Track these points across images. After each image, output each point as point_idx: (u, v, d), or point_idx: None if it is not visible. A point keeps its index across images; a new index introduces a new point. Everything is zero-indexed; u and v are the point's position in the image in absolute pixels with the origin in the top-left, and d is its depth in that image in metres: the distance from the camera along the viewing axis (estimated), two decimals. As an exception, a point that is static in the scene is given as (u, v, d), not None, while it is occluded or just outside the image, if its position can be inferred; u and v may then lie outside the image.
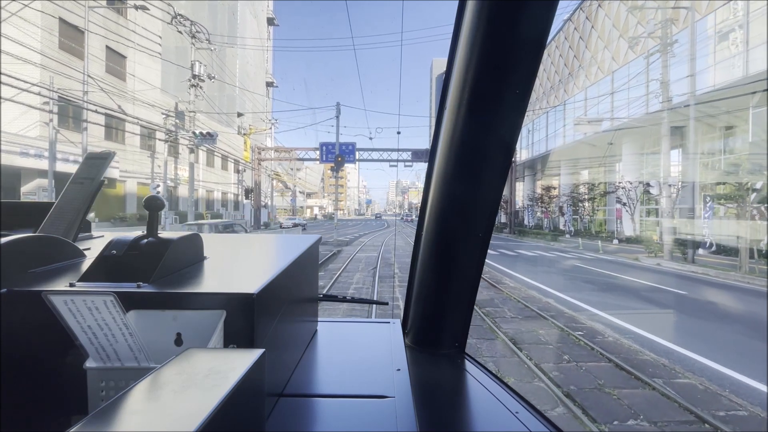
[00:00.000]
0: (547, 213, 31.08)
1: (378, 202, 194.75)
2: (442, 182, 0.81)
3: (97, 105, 15.36)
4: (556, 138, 29.56)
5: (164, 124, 17.60)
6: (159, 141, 18.29)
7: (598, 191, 25.61)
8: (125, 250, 0.54)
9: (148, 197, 0.55)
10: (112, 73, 17.59)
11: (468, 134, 0.73)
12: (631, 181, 21.15)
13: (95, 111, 15.58)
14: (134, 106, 18.27)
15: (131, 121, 17.39)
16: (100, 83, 15.89)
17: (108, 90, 16.38)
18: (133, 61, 18.80)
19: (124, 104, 17.65)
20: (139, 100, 17.51)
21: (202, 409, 0.28)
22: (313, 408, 0.61)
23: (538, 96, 33.54)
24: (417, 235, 0.93)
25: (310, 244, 0.88)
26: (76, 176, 0.73)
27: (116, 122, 17.66)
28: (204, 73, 19.77)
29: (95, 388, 0.44)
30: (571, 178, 30.35)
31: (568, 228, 26.48)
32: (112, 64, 17.46)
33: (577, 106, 26.71)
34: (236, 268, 0.68)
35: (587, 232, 26.15)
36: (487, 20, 0.62)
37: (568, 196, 27.41)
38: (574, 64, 26.76)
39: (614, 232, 22.40)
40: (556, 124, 29.73)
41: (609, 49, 23.38)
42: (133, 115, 17.29)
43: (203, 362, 0.37)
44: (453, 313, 0.95)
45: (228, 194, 30.75)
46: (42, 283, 0.51)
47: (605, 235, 22.87)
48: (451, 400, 0.76)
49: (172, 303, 0.48)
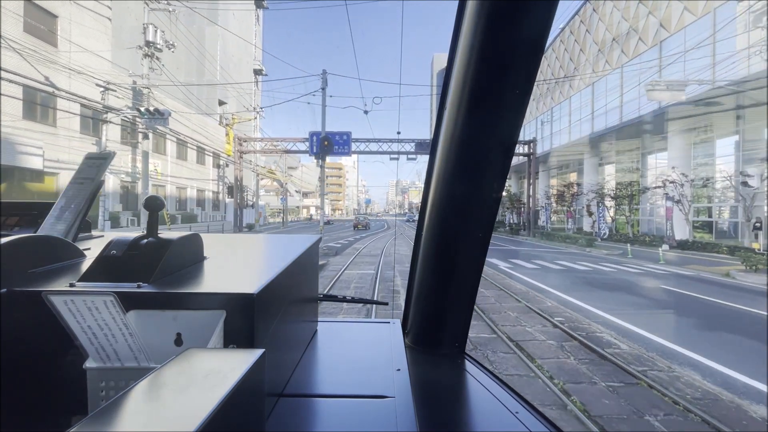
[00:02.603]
0: (570, 212, 27.28)
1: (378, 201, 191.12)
2: (442, 182, 0.80)
3: (10, 72, 11.63)
4: (581, 125, 25.72)
5: (102, 99, 13.75)
6: (104, 123, 14.44)
7: (635, 187, 21.80)
8: (125, 250, 0.54)
9: (148, 197, 0.55)
10: (36, 34, 13.79)
11: (468, 134, 0.72)
12: (685, 173, 17.36)
13: (9, 80, 11.85)
14: (71, 79, 14.52)
15: (65, 98, 13.66)
16: (14, 44, 12.16)
17: (28, 55, 12.66)
18: (69, 21, 15.00)
19: (56, 76, 13.89)
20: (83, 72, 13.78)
21: (202, 409, 0.28)
22: (313, 408, 0.61)
23: (558, 83, 29.71)
24: (417, 234, 0.92)
25: (311, 244, 0.89)
26: (76, 176, 0.72)
27: (43, 97, 13.87)
28: (161, 40, 16.00)
29: (95, 388, 0.44)
30: (595, 173, 26.56)
31: (599, 230, 22.74)
32: (35, 23, 13.67)
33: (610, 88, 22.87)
34: (236, 268, 0.68)
35: (622, 234, 22.36)
36: (487, 20, 0.61)
37: (596, 193, 23.66)
38: (621, 26, 22.53)
39: (663, 235, 18.59)
40: (582, 111, 25.91)
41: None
42: (69, 91, 13.57)
43: (203, 362, 0.37)
44: (453, 313, 0.94)
45: (205, 192, 26.93)
46: (42, 283, 0.51)
47: (648, 239, 19.09)
48: (451, 400, 0.76)
49: (172, 303, 0.48)
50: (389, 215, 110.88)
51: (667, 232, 17.96)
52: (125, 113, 13.56)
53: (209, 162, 27.49)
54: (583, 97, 25.75)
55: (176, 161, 22.95)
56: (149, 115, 13.12)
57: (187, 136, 21.98)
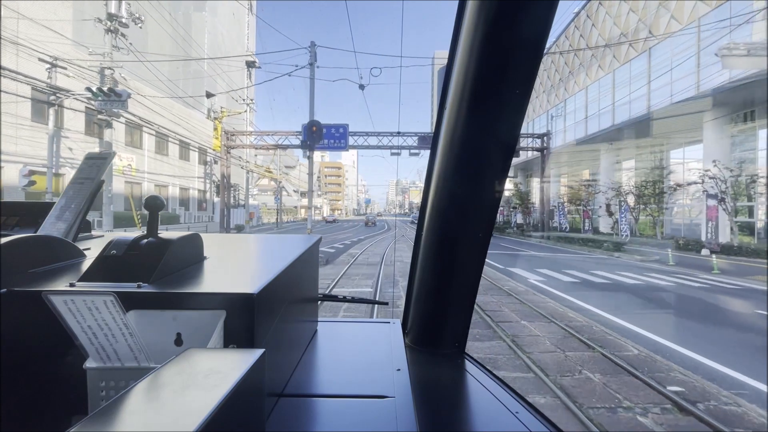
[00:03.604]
0: (587, 212, 25.09)
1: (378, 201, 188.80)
2: (442, 182, 0.80)
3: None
4: (600, 118, 23.54)
5: (49, 78, 11.56)
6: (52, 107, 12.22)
7: (663, 184, 19.61)
8: (125, 250, 0.54)
9: (149, 197, 0.54)
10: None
11: (468, 134, 0.72)
12: (731, 168, 15.19)
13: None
14: (18, 56, 12.35)
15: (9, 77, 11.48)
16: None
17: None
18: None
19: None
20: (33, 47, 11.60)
21: (202, 409, 0.28)
22: (313, 408, 0.61)
23: (572, 70, 27.52)
24: (417, 234, 0.92)
25: (311, 244, 0.88)
26: (76, 176, 0.73)
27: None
28: (126, 14, 13.80)
29: (95, 388, 0.44)
30: (613, 170, 24.41)
31: (620, 231, 20.59)
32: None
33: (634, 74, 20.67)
34: (236, 268, 0.68)
35: (646, 236, 20.23)
36: (487, 20, 0.61)
37: (616, 191, 21.50)
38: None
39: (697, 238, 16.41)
40: (600, 102, 23.73)
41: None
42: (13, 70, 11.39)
43: (203, 362, 0.37)
44: (453, 313, 0.94)
45: (190, 190, 24.74)
46: (42, 283, 0.51)
47: (681, 242, 16.94)
48: (451, 400, 0.76)
49: (172, 303, 0.48)
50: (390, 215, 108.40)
51: (707, 234, 15.75)
52: (76, 95, 11.36)
53: (195, 158, 25.29)
54: (602, 86, 23.55)
55: (155, 156, 20.74)
56: (103, 96, 10.92)
57: (169, 130, 19.80)
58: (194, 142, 22.88)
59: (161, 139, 20.92)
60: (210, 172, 26.88)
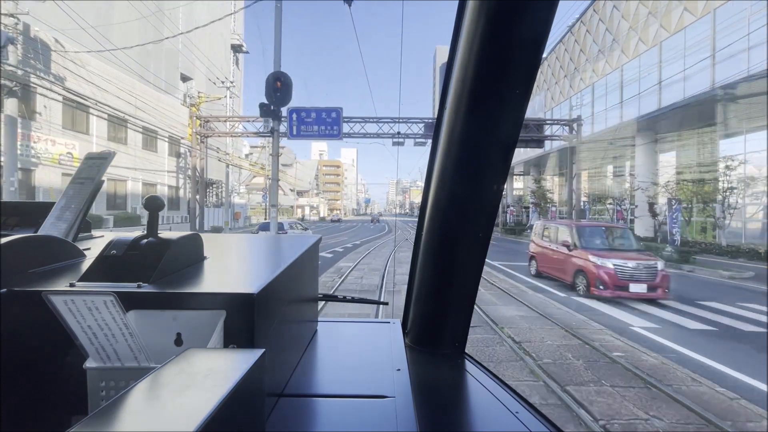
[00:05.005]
0: (621, 212, 21.48)
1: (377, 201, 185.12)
2: (442, 182, 0.80)
3: None
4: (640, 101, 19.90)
5: None
6: None
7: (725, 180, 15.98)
8: (125, 250, 0.54)
9: (149, 197, 0.54)
10: None
11: (468, 134, 0.72)
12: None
13: None
14: None
15: None
16: None
17: None
18: None
19: None
20: None
21: (202, 409, 0.28)
22: (313, 408, 0.61)
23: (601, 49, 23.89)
24: (417, 234, 0.92)
25: (311, 245, 0.88)
26: (76, 176, 0.72)
27: None
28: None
29: (95, 388, 0.44)
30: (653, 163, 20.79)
31: (671, 235, 17.04)
32: None
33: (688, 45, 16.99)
34: (236, 268, 0.69)
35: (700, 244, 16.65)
36: (487, 20, 0.61)
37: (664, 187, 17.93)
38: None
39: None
40: (641, 83, 20.09)
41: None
42: None
43: (203, 362, 0.37)
44: (453, 313, 0.93)
45: (157, 186, 21.14)
46: (42, 283, 0.51)
47: (746, 249, 13.42)
48: (451, 400, 0.76)
49: (172, 303, 0.48)
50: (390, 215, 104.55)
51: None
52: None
53: (164, 149, 21.70)
54: (643, 63, 19.93)
55: (107, 144, 17.12)
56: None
57: (129, 115, 16.24)
58: (163, 130, 19.30)
59: (118, 125, 17.32)
60: (185, 165, 23.31)
